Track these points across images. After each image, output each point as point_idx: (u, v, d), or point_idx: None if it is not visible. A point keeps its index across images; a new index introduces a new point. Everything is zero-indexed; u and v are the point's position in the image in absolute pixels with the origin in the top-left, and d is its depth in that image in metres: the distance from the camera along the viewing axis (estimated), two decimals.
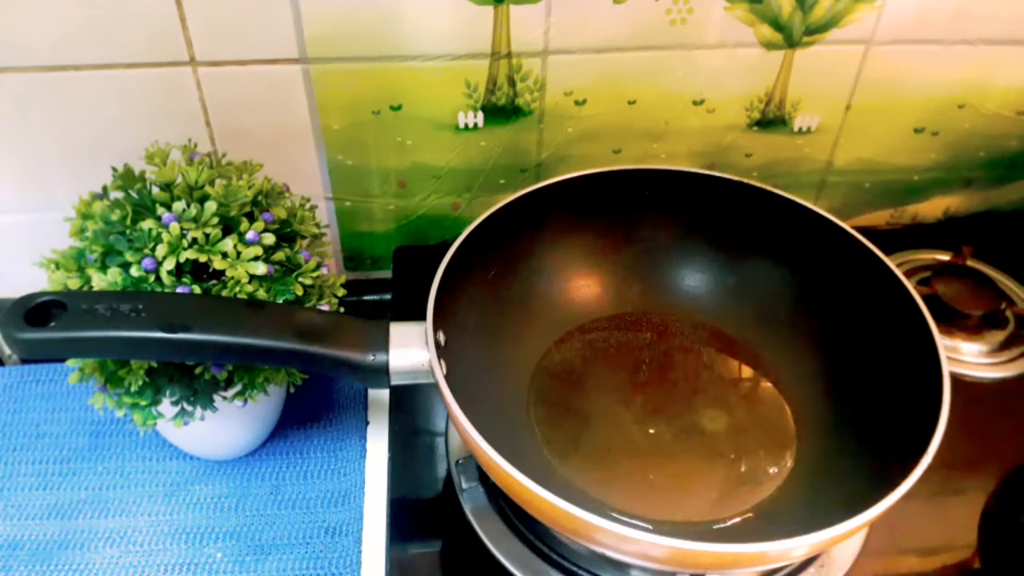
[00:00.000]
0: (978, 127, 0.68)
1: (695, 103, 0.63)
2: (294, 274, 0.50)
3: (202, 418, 0.50)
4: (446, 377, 0.45)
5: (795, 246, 0.57)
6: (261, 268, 0.48)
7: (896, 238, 0.70)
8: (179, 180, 0.49)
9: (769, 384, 0.56)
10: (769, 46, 0.61)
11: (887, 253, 0.52)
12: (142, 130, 0.55)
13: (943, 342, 0.47)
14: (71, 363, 0.48)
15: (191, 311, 0.44)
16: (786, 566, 0.49)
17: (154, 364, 0.48)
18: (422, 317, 0.47)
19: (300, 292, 0.50)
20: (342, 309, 0.53)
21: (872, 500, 0.40)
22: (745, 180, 0.57)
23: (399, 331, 0.47)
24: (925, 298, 0.49)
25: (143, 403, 0.48)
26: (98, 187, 0.50)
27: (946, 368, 0.45)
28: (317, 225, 0.54)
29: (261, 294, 0.48)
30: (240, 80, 0.58)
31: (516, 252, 0.57)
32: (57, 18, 0.53)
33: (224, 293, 0.47)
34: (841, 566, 0.50)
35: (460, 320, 0.51)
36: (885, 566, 0.51)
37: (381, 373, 0.46)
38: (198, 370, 0.49)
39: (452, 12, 0.56)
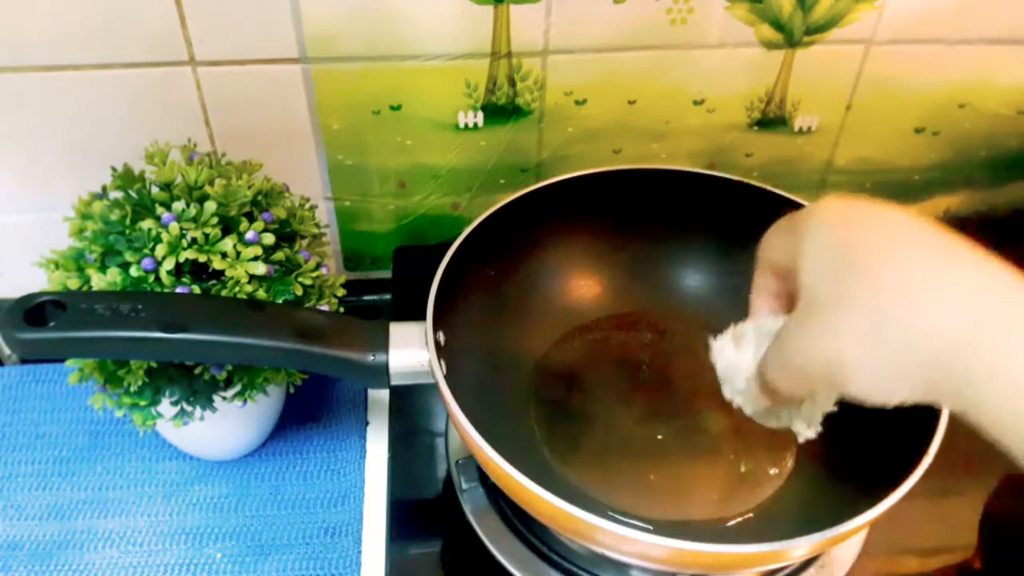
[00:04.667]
0: (978, 127, 0.68)
1: (695, 103, 0.63)
2: (294, 274, 0.50)
3: (201, 418, 0.50)
4: (446, 377, 0.45)
5: None
6: (261, 268, 0.48)
7: None
8: (179, 180, 0.49)
9: None
10: (769, 46, 0.61)
11: None
12: (142, 130, 0.55)
13: None
14: (71, 363, 0.48)
15: (191, 311, 0.44)
16: (786, 566, 0.49)
17: (154, 364, 0.48)
18: (422, 317, 0.47)
19: (300, 292, 0.50)
20: (342, 309, 0.53)
21: (872, 500, 0.40)
22: (745, 180, 0.57)
23: (399, 331, 0.47)
24: None
25: (143, 403, 0.48)
26: (98, 187, 0.50)
27: None
28: (317, 225, 0.54)
29: (261, 294, 0.48)
30: (240, 80, 0.58)
31: (516, 252, 0.57)
32: (57, 18, 0.53)
33: (224, 293, 0.47)
34: (841, 566, 0.50)
35: (460, 320, 0.51)
36: (885, 566, 0.51)
37: (381, 373, 0.46)
38: (198, 370, 0.48)
39: (452, 12, 0.56)
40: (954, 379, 0.30)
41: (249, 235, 0.48)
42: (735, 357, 0.42)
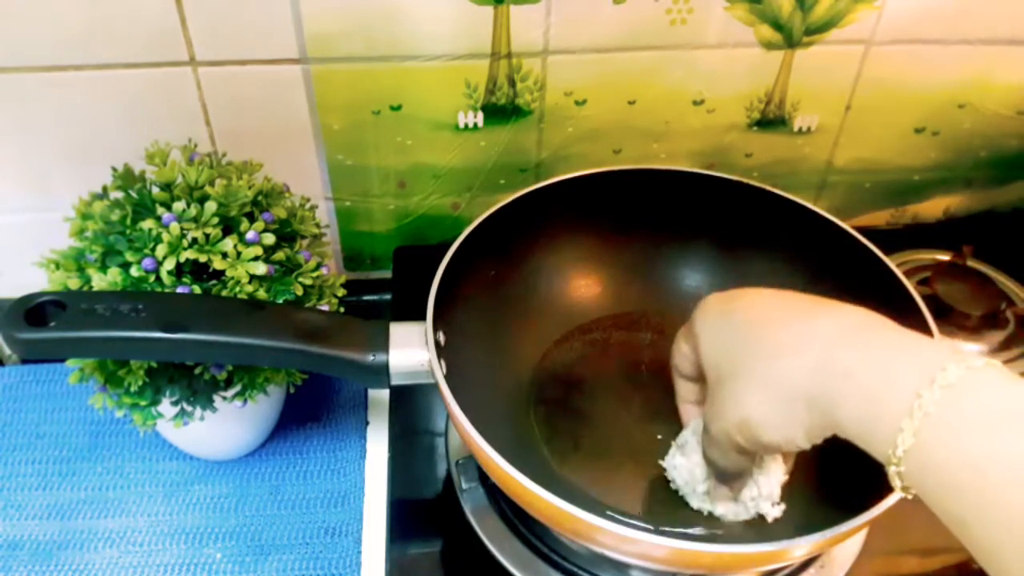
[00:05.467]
0: (978, 127, 0.68)
1: (695, 103, 0.63)
2: (294, 274, 0.50)
3: (202, 418, 0.50)
4: (446, 377, 0.45)
5: (795, 246, 0.57)
6: (261, 268, 0.48)
7: (896, 238, 0.70)
8: (179, 180, 0.49)
9: None
10: (769, 46, 0.61)
11: (887, 253, 0.52)
12: (142, 130, 0.55)
13: None
14: (71, 363, 0.48)
15: (191, 311, 0.44)
16: (786, 566, 0.49)
17: (154, 364, 0.48)
18: (422, 317, 0.47)
19: (300, 292, 0.50)
20: (342, 309, 0.53)
21: (872, 500, 0.40)
22: (745, 180, 0.57)
23: (399, 331, 0.47)
24: (925, 298, 0.49)
25: (143, 403, 0.48)
26: (98, 187, 0.50)
27: None
28: (317, 225, 0.54)
29: (261, 294, 0.48)
30: (240, 80, 0.58)
31: (516, 252, 0.57)
32: (57, 18, 0.53)
33: (224, 293, 0.47)
34: (841, 566, 0.50)
35: (460, 320, 0.51)
36: (885, 566, 0.51)
37: (381, 373, 0.46)
38: (198, 370, 0.49)
39: (452, 12, 0.56)
40: (828, 405, 0.36)
41: (249, 235, 0.48)
42: (687, 465, 0.47)
